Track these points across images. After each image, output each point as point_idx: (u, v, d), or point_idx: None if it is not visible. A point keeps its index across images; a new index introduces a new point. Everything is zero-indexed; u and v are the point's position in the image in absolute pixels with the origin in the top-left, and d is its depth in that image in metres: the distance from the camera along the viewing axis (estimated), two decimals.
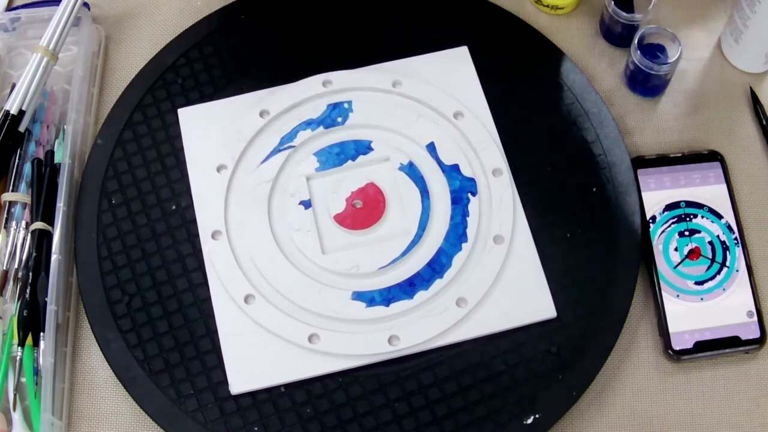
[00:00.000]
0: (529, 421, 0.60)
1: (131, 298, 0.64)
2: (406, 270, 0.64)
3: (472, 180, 0.67)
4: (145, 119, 0.70)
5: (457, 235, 0.65)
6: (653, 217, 0.67)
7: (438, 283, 0.63)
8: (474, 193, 0.66)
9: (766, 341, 0.63)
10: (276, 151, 0.68)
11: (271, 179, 0.67)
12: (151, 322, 0.63)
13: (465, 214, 0.66)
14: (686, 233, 0.66)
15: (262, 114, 0.69)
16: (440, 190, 0.67)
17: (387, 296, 0.63)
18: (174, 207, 0.67)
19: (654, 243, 0.66)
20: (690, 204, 0.67)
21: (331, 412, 0.60)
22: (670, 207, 0.67)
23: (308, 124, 0.69)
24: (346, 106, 0.70)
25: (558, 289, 0.63)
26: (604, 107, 0.69)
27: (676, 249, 0.66)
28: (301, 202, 0.66)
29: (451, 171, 0.67)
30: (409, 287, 0.63)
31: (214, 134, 0.69)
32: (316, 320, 0.63)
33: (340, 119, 0.69)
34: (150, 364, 0.62)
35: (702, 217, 0.67)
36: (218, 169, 0.67)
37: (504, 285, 0.64)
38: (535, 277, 0.64)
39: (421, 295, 0.63)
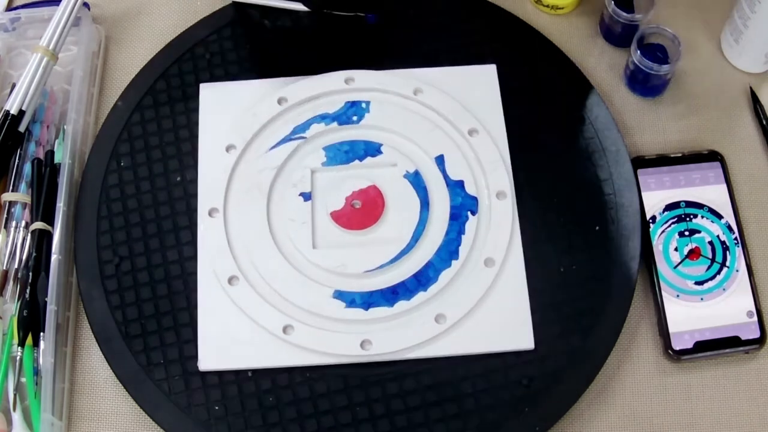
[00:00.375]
0: None
1: (121, 260, 0.65)
2: (391, 277, 0.64)
3: (474, 199, 0.67)
4: (168, 88, 0.70)
5: (449, 251, 0.65)
6: (653, 217, 0.67)
7: (421, 296, 0.63)
8: (474, 212, 0.66)
9: (766, 341, 0.63)
10: (287, 139, 0.68)
11: (276, 166, 0.67)
12: (135, 287, 0.64)
13: (461, 231, 0.65)
14: (686, 233, 0.66)
15: (280, 101, 0.69)
16: (441, 203, 0.66)
17: (367, 300, 0.63)
18: (179, 179, 0.67)
19: (654, 243, 0.66)
20: (690, 204, 0.67)
21: (293, 405, 0.61)
22: (670, 207, 0.67)
23: (323, 117, 0.69)
24: (363, 105, 0.70)
25: (540, 322, 0.62)
26: (623, 147, 0.68)
27: (676, 249, 0.66)
28: (302, 194, 0.66)
29: (456, 186, 0.67)
30: (391, 295, 0.63)
31: (230, 114, 0.69)
32: (294, 312, 0.63)
33: (355, 118, 0.69)
34: (127, 327, 0.63)
35: (702, 217, 0.67)
36: (227, 149, 0.68)
37: (486, 308, 0.63)
38: (519, 306, 0.63)
39: (401, 305, 0.63)
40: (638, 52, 0.69)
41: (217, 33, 0.73)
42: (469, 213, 0.66)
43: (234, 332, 0.62)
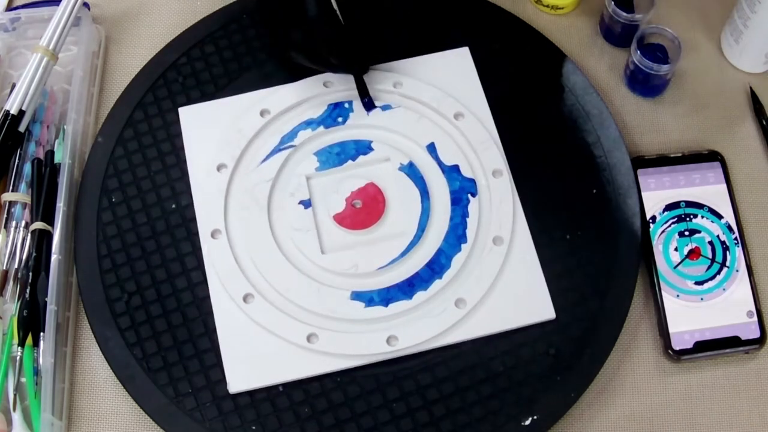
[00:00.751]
0: (527, 422, 0.60)
1: (130, 297, 0.64)
2: (405, 270, 0.64)
3: (472, 181, 0.67)
4: (146, 117, 0.70)
5: (456, 236, 0.65)
6: (653, 217, 0.67)
7: (437, 284, 0.63)
8: (474, 194, 0.66)
9: (766, 341, 0.63)
10: (276, 150, 0.68)
11: (271, 178, 0.67)
12: (149, 321, 0.63)
13: (465, 214, 0.66)
14: (686, 233, 0.66)
15: (262, 113, 0.69)
16: (440, 190, 0.67)
17: (386, 296, 0.63)
18: (174, 206, 0.67)
19: (654, 243, 0.66)
20: (690, 204, 0.67)
21: (329, 412, 0.60)
22: (670, 207, 0.67)
23: (309, 123, 0.69)
24: (346, 105, 0.70)
25: (557, 291, 0.63)
26: (605, 109, 0.69)
27: (676, 249, 0.66)
28: (301, 202, 0.66)
29: (451, 171, 0.67)
30: (408, 288, 0.63)
31: (215, 133, 0.69)
32: (314, 320, 0.63)
33: (340, 119, 0.69)
34: (148, 363, 0.62)
35: (702, 217, 0.67)
36: (218, 168, 0.67)
37: (503, 286, 0.64)
38: (534, 279, 0.64)
39: (419, 296, 0.63)
40: (638, 52, 0.69)
41: (186, 55, 0.72)
42: (469, 195, 0.66)
43: (258, 349, 0.62)
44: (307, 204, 0.66)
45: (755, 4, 0.68)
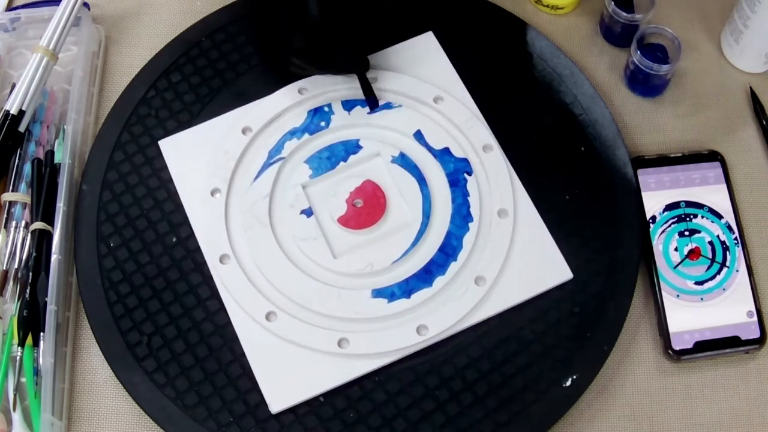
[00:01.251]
0: (568, 383, 0.61)
1: (150, 338, 0.62)
2: (420, 259, 0.64)
3: (465, 160, 0.67)
4: (127, 156, 0.68)
5: (461, 216, 0.65)
6: (653, 217, 0.67)
7: (453, 266, 0.64)
8: (470, 173, 0.67)
9: (766, 341, 0.63)
10: (266, 165, 0.68)
11: (267, 194, 0.67)
12: (175, 358, 0.62)
13: (465, 194, 0.66)
14: (686, 233, 0.66)
15: (244, 131, 0.68)
16: (436, 175, 0.67)
17: (406, 288, 0.63)
18: (174, 239, 0.66)
19: (654, 243, 0.66)
20: (690, 204, 0.67)
21: (375, 412, 0.60)
22: (670, 207, 0.67)
23: (293, 133, 0.69)
24: (326, 109, 0.69)
25: (569, 251, 0.65)
26: (575, 68, 0.71)
27: (676, 249, 0.66)
28: (303, 212, 0.66)
29: (443, 155, 0.68)
30: (426, 275, 0.64)
31: (201, 159, 0.68)
32: (341, 325, 0.62)
33: (323, 123, 0.69)
34: (183, 400, 0.61)
35: (702, 217, 0.67)
36: (212, 193, 0.67)
37: (517, 257, 0.64)
38: (545, 244, 0.65)
39: (439, 281, 0.63)
40: (638, 52, 0.69)
41: (153, 88, 0.70)
42: (465, 175, 0.67)
43: (291, 365, 0.61)
44: (308, 213, 0.66)
45: (755, 4, 0.68)
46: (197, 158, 0.68)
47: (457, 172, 0.67)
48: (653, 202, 0.67)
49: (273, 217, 0.66)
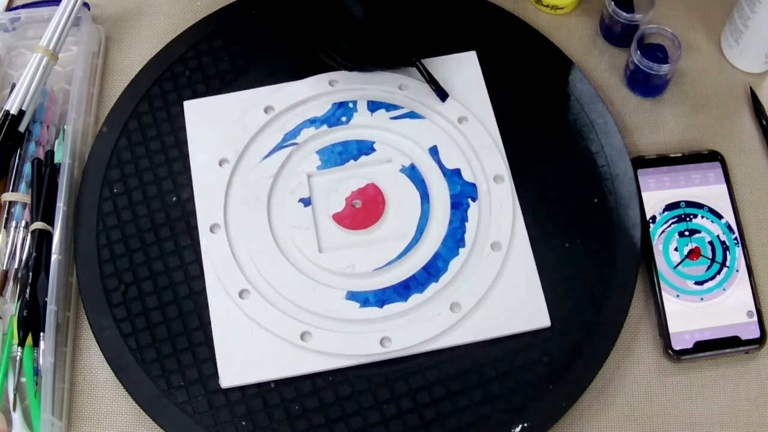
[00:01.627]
0: (517, 430, 0.60)
1: (127, 287, 0.64)
2: (401, 272, 0.64)
3: (473, 185, 0.67)
4: (151, 110, 0.70)
5: (454, 240, 0.65)
6: (653, 217, 0.67)
7: (433, 287, 0.63)
8: (474, 199, 0.66)
9: (766, 341, 0.63)
10: (279, 147, 0.68)
11: (272, 175, 0.67)
12: (145, 312, 0.64)
13: (464, 219, 0.66)
14: (686, 233, 0.66)
15: (266, 110, 0.69)
16: (440, 194, 0.67)
17: (381, 297, 0.63)
18: (175, 198, 0.67)
19: (654, 243, 0.66)
20: (690, 204, 0.67)
21: (320, 411, 0.61)
22: (670, 207, 0.67)
23: (312, 122, 0.69)
24: (351, 105, 0.70)
25: (553, 299, 0.63)
26: (610, 118, 0.69)
27: (676, 249, 0.66)
28: (301, 200, 0.66)
29: (453, 175, 0.67)
30: (403, 290, 0.63)
31: (219, 128, 0.69)
32: (309, 318, 0.63)
33: (344, 119, 0.69)
34: (142, 354, 0.62)
35: (702, 217, 0.67)
36: (220, 163, 0.68)
37: (499, 292, 0.63)
38: (530, 286, 0.64)
39: (415, 298, 0.63)
40: (638, 52, 0.69)
41: (194, 49, 0.72)
42: (469, 200, 0.66)
43: (251, 345, 0.62)
44: (306, 202, 0.66)
45: (755, 4, 0.68)
46: (216, 126, 0.69)
47: (462, 195, 0.66)
48: (653, 203, 0.67)
49: (272, 199, 0.67)
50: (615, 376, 0.63)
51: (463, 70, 0.71)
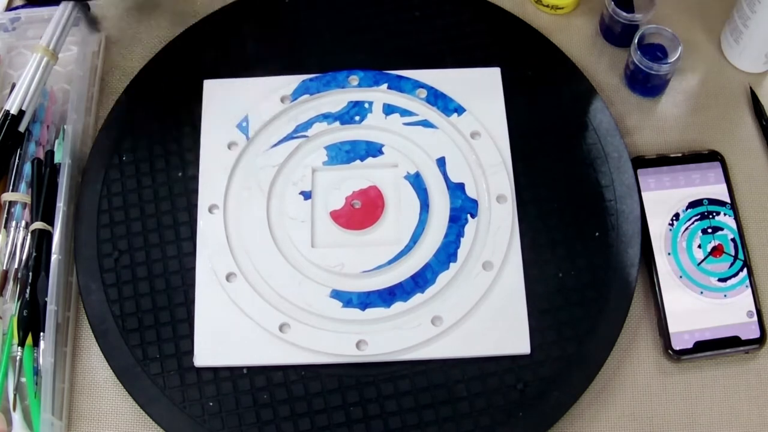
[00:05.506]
0: None
1: (120, 254, 0.65)
2: (389, 278, 0.64)
3: (474, 202, 0.66)
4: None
5: (447, 253, 0.65)
6: (676, 215, 0.66)
7: (418, 297, 0.63)
8: (474, 215, 0.66)
9: (766, 341, 0.63)
10: (289, 137, 0.68)
11: (277, 164, 0.67)
12: (133, 281, 0.64)
13: (460, 234, 0.65)
14: (709, 230, 0.66)
15: (282, 99, 0.69)
16: (441, 205, 0.66)
17: (365, 300, 0.63)
18: (180, 174, 0.68)
19: (677, 240, 0.66)
20: (713, 201, 0.67)
21: (287, 403, 0.61)
22: (693, 204, 0.67)
23: (326, 117, 0.69)
24: (366, 105, 0.70)
25: (537, 327, 0.62)
26: (625, 153, 0.67)
27: (699, 246, 0.66)
28: (302, 192, 0.66)
29: (456, 189, 0.67)
30: (388, 296, 0.63)
31: (233, 111, 0.69)
32: (290, 310, 0.63)
33: (357, 118, 0.69)
34: (124, 322, 0.63)
35: (724, 214, 0.67)
36: (229, 146, 0.68)
37: (483, 312, 0.63)
38: (516, 310, 0.63)
39: (398, 306, 0.63)
40: (638, 52, 0.69)
41: (219, 31, 0.73)
42: (468, 216, 0.66)
43: (230, 329, 0.63)
44: (307, 195, 0.66)
45: (755, 4, 0.68)
46: (231, 108, 0.69)
47: (462, 210, 0.66)
48: (676, 199, 0.67)
49: (273, 188, 0.67)
50: (615, 375, 0.63)
51: (484, 85, 0.70)
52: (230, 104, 0.70)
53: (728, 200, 0.67)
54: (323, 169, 0.68)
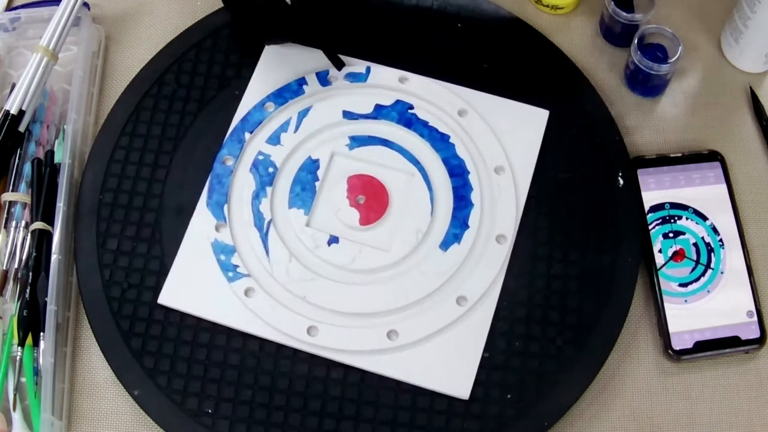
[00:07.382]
0: None
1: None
2: (370, 275, 0.64)
3: (467, 226, 0.65)
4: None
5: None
6: None
7: (383, 305, 0.63)
8: (458, 242, 0.64)
9: (766, 341, 0.63)
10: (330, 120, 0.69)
11: (300, 141, 0.68)
12: (127, 209, 0.67)
13: (453, 262, 0.64)
14: (671, 235, 0.66)
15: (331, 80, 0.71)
16: (440, 225, 0.65)
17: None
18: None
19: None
20: (674, 206, 0.67)
21: (235, 369, 0.62)
22: (654, 209, 0.67)
23: (378, 109, 0.69)
24: (408, 110, 0.69)
25: (487, 378, 0.61)
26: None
27: (660, 251, 0.66)
28: (317, 166, 0.67)
29: (460, 210, 0.66)
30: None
31: (285, 75, 0.70)
32: (258, 274, 0.64)
33: (395, 118, 0.69)
34: (105, 245, 0.65)
35: (686, 218, 0.67)
36: (266, 107, 0.69)
37: (440, 342, 0.62)
38: (471, 351, 0.61)
39: (360, 304, 0.63)
40: (638, 52, 0.69)
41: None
42: (456, 244, 0.65)
43: (205, 278, 0.64)
44: (316, 178, 0.67)
45: (755, 4, 0.68)
46: (283, 73, 0.71)
47: (456, 238, 0.64)
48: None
49: (288, 162, 0.68)
50: (615, 376, 0.63)
51: (527, 124, 0.68)
52: (284, 70, 0.70)
53: (690, 204, 0.67)
54: (342, 154, 0.68)
